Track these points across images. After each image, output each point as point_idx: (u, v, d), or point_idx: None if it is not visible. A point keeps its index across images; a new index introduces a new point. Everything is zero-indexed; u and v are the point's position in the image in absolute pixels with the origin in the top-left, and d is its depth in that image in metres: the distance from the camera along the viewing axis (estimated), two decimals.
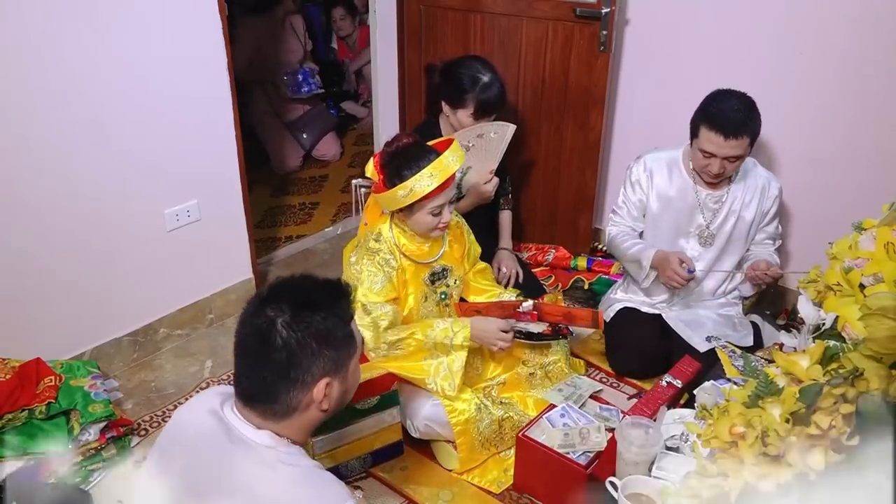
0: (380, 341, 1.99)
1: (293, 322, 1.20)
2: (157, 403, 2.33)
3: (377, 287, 1.99)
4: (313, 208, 3.72)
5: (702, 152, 2.21)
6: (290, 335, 1.19)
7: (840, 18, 2.39)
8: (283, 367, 1.20)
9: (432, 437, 2.09)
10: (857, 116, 2.41)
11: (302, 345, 1.20)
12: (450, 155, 1.90)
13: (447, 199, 1.96)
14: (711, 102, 2.21)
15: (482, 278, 2.33)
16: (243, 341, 1.25)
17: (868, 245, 1.43)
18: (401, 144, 1.94)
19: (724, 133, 2.13)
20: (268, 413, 1.23)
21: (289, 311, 1.20)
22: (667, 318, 2.42)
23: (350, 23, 4.73)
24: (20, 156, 2.06)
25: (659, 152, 2.44)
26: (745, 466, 1.02)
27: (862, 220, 1.50)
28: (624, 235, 2.46)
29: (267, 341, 1.19)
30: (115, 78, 2.19)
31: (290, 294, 1.25)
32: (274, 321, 1.19)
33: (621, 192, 2.50)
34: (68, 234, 2.22)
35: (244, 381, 1.24)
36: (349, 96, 4.84)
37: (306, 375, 1.21)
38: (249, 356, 1.24)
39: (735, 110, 2.14)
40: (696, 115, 2.23)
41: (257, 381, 1.22)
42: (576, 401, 2.20)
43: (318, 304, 1.23)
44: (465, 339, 2.00)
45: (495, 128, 2.42)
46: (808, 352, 1.16)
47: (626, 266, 2.49)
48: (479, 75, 2.42)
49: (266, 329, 1.20)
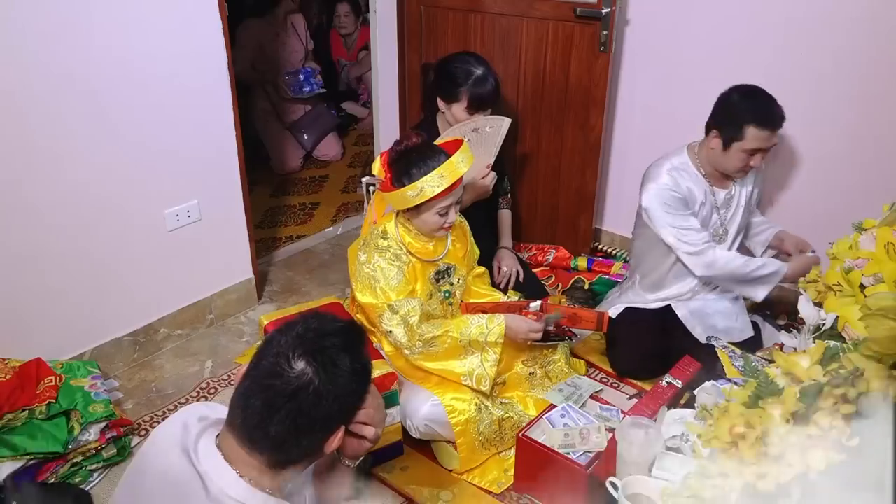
0: (415, 338, 1.98)
1: (323, 371, 1.12)
2: (157, 403, 2.33)
3: (394, 283, 1.99)
4: (313, 208, 3.72)
5: (746, 151, 2.21)
6: (321, 387, 1.11)
7: (840, 18, 2.39)
8: (308, 420, 1.12)
9: (432, 437, 2.09)
10: (857, 116, 2.42)
11: (334, 398, 1.13)
12: (460, 156, 1.91)
13: (455, 199, 1.96)
14: (745, 104, 2.20)
15: (481, 283, 2.33)
16: (264, 384, 1.13)
17: (868, 245, 1.43)
18: (410, 143, 1.95)
19: (772, 127, 2.18)
20: (267, 460, 1.15)
21: (318, 362, 1.12)
22: (675, 309, 2.43)
23: (353, 21, 4.73)
24: (20, 156, 2.06)
25: (669, 160, 2.37)
26: (745, 466, 1.02)
27: (862, 220, 1.50)
28: (736, 256, 2.36)
29: (293, 391, 1.10)
30: (115, 78, 2.19)
31: (316, 341, 1.16)
32: (303, 372, 1.11)
33: (670, 219, 2.31)
34: (68, 234, 2.22)
35: (254, 425, 1.13)
36: (349, 96, 4.84)
37: (325, 429, 1.15)
38: (270, 404, 1.12)
39: (770, 104, 2.18)
40: (734, 118, 2.20)
41: (271, 428, 1.12)
42: (576, 401, 2.20)
43: (347, 349, 1.17)
44: (499, 336, 2.01)
45: (491, 122, 2.43)
46: (809, 352, 1.15)
47: (743, 288, 2.38)
48: (472, 69, 2.42)
49: (294, 378, 1.11)
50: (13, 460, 1.86)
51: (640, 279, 2.52)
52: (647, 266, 2.49)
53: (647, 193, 2.35)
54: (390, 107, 3.39)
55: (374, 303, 1.99)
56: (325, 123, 4.29)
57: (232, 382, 2.42)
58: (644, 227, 2.43)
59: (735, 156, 2.24)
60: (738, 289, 2.40)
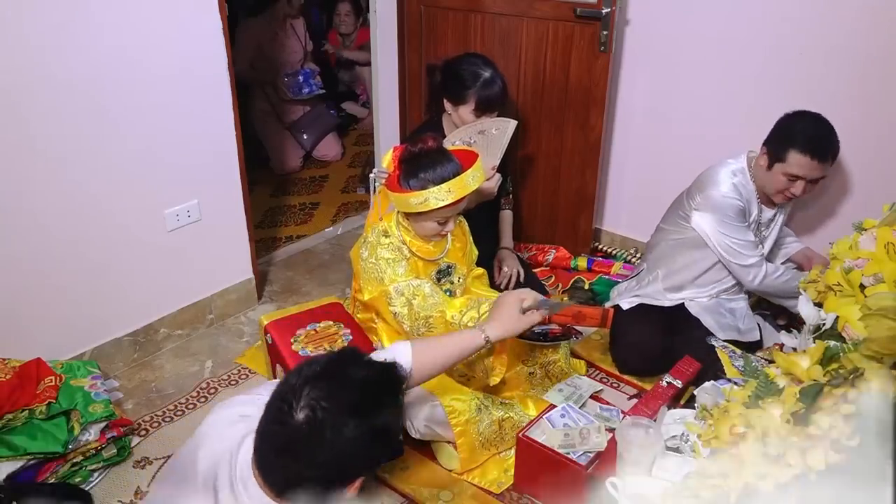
0: (416, 320, 1.96)
1: (363, 423, 1.05)
2: (157, 403, 2.33)
3: (400, 270, 1.98)
4: (313, 208, 3.72)
5: (787, 175, 2.19)
6: (356, 437, 1.05)
7: (840, 18, 2.39)
8: (331, 471, 1.07)
9: (432, 437, 2.09)
10: (857, 116, 2.41)
11: (365, 449, 1.07)
12: (471, 173, 1.90)
13: (456, 212, 1.96)
14: (797, 126, 2.19)
15: (480, 284, 2.33)
16: (268, 429, 1.10)
17: (868, 245, 1.43)
18: (426, 146, 1.94)
19: (816, 156, 2.14)
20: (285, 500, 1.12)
21: (357, 412, 1.05)
22: (689, 307, 2.42)
23: (353, 20, 4.74)
24: (20, 157, 2.06)
25: (728, 165, 2.32)
26: (745, 466, 1.02)
27: (862, 220, 1.50)
28: (784, 270, 2.38)
29: (325, 442, 1.04)
30: (115, 79, 2.19)
31: (353, 389, 1.09)
32: (339, 423, 1.04)
33: (728, 229, 2.27)
34: (68, 234, 2.22)
35: (274, 470, 1.10)
36: (349, 96, 4.84)
37: (350, 479, 1.10)
38: (296, 452, 1.07)
39: (823, 134, 2.17)
40: (782, 139, 2.19)
41: (291, 476, 1.09)
42: (576, 401, 2.20)
43: (382, 401, 1.11)
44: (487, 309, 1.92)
45: (497, 124, 2.43)
46: (809, 352, 1.16)
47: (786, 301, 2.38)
48: (480, 71, 2.42)
49: (328, 429, 1.04)
50: (13, 460, 1.86)
51: (664, 278, 2.47)
52: (676, 267, 2.44)
53: (706, 200, 2.29)
54: (390, 107, 3.39)
55: (381, 290, 1.98)
56: (325, 124, 4.29)
57: (231, 382, 2.43)
58: (682, 227, 2.38)
59: (776, 177, 2.22)
60: (779, 301, 2.41)
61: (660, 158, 2.95)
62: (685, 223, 2.37)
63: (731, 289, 2.44)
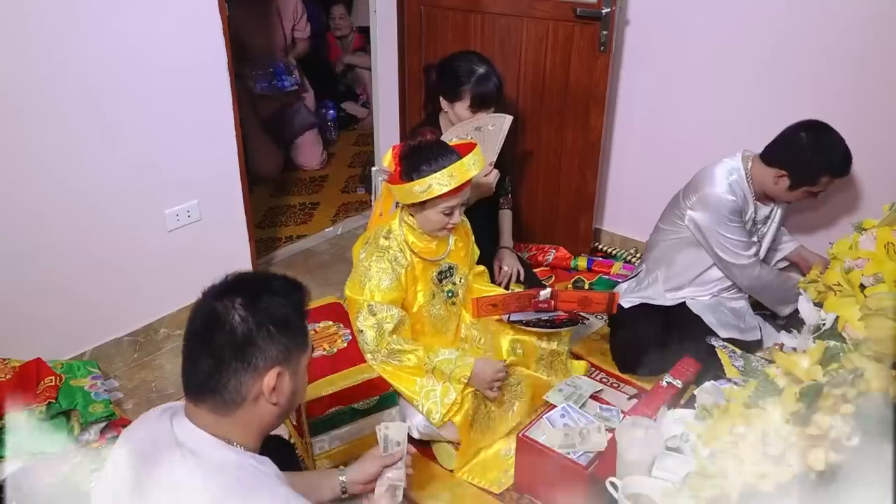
0: (382, 344, 1.98)
1: (250, 304, 1.19)
2: (157, 403, 2.33)
3: (385, 284, 1.99)
4: (313, 208, 3.72)
5: (812, 192, 2.23)
6: (246, 315, 1.19)
7: (840, 18, 2.39)
8: (237, 347, 1.18)
9: (432, 437, 2.09)
10: (856, 116, 2.41)
11: (259, 325, 1.19)
12: (471, 158, 1.91)
13: (461, 200, 1.97)
14: (822, 149, 2.18)
15: (481, 280, 2.33)
16: (195, 329, 1.23)
17: (868, 245, 1.43)
18: (424, 140, 1.96)
19: (845, 173, 2.22)
20: (218, 405, 1.19)
21: (246, 296, 1.20)
22: (690, 305, 2.42)
23: (348, 23, 4.73)
24: (20, 157, 2.06)
25: (724, 165, 2.32)
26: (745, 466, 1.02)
27: (862, 220, 1.50)
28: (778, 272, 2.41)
29: (221, 323, 1.18)
30: (115, 78, 2.19)
31: (247, 282, 1.25)
32: (229, 305, 1.19)
33: (725, 229, 2.27)
34: (68, 234, 2.22)
35: (193, 371, 1.21)
36: (349, 96, 4.84)
37: (258, 359, 1.19)
38: (202, 341, 1.21)
39: (845, 149, 2.19)
40: (810, 163, 2.18)
41: (208, 366, 1.19)
42: (576, 401, 2.20)
43: (277, 292, 1.23)
44: (463, 376, 1.97)
45: (493, 120, 2.43)
46: (808, 352, 1.15)
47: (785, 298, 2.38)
48: (475, 67, 2.42)
49: (222, 311, 1.19)
50: (13, 460, 1.86)
51: (664, 280, 2.48)
52: (675, 267, 2.44)
53: (703, 199, 2.29)
54: (390, 107, 3.39)
55: (357, 298, 2.00)
56: (300, 123, 3.95)
57: None
58: (680, 228, 2.38)
59: (799, 194, 2.25)
60: (771, 304, 2.41)
61: (660, 158, 2.95)
62: (681, 222, 2.37)
63: (731, 288, 2.44)
